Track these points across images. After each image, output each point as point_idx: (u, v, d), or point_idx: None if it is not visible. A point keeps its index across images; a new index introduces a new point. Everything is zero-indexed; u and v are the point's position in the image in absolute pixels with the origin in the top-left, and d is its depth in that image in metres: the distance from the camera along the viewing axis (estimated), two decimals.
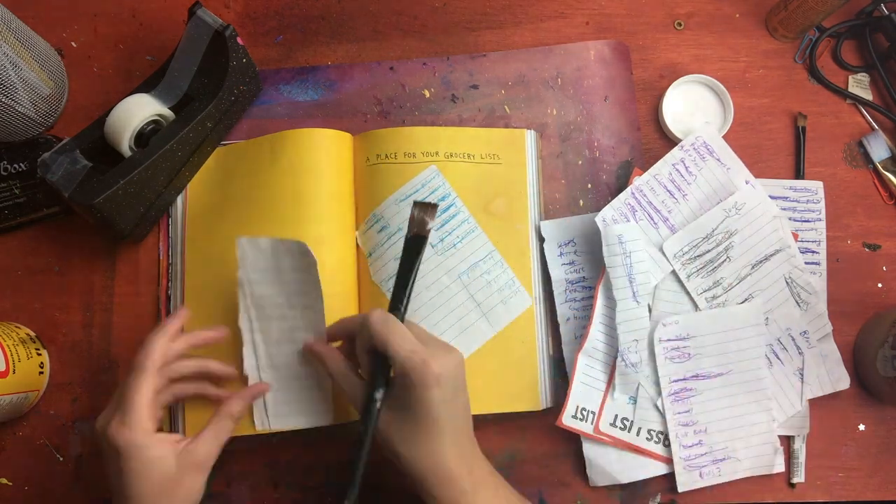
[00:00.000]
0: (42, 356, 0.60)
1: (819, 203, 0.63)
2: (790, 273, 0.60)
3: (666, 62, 0.67)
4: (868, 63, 0.67)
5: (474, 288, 0.60)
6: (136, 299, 0.62)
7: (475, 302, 0.60)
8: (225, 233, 0.60)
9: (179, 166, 0.60)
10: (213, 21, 0.57)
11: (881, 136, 0.65)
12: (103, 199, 0.55)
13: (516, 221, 0.61)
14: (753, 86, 0.66)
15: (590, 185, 0.64)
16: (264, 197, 0.60)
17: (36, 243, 0.63)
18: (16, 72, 0.58)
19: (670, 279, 0.60)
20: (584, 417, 0.58)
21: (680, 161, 0.61)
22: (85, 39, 0.67)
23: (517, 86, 0.66)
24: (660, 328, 0.58)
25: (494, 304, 0.59)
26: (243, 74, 0.61)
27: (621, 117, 0.65)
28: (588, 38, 0.67)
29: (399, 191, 0.61)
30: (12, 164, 0.62)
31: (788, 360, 0.59)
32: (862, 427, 0.61)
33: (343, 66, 0.66)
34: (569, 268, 0.61)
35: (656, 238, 0.60)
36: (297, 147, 0.60)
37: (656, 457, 0.58)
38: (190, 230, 0.62)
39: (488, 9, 0.68)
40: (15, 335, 0.59)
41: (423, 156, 0.61)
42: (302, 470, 0.60)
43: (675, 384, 0.58)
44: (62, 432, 0.60)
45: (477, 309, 0.59)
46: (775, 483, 0.60)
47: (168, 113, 0.60)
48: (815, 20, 0.63)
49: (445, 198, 0.61)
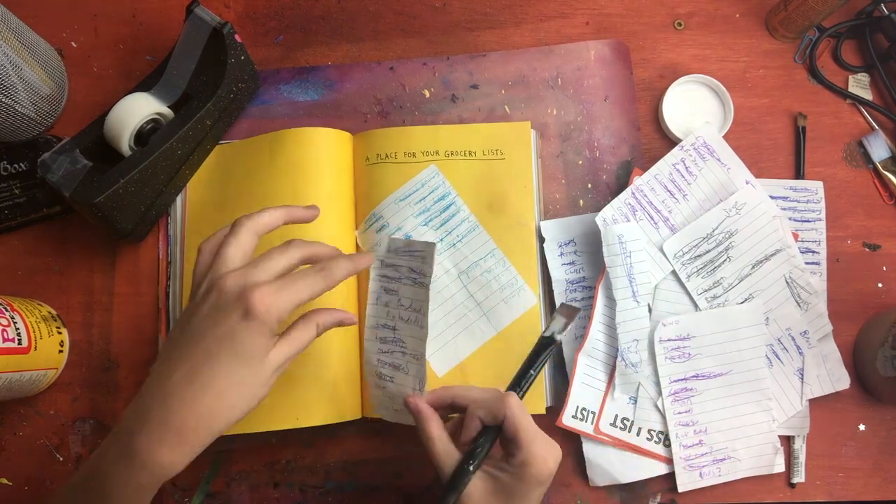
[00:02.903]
0: (62, 334, 0.61)
1: (819, 203, 0.63)
2: (790, 273, 0.60)
3: (666, 62, 0.67)
4: (868, 63, 0.67)
5: (474, 287, 0.60)
6: (136, 299, 0.62)
7: (475, 301, 0.59)
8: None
9: (179, 165, 0.60)
10: (210, 19, 0.57)
11: (881, 136, 0.65)
12: (104, 198, 0.55)
13: (521, 217, 0.60)
14: (753, 86, 0.66)
15: (590, 185, 0.64)
16: (264, 195, 0.59)
17: (36, 243, 0.63)
18: (16, 72, 0.58)
19: (670, 279, 0.60)
20: (585, 417, 0.58)
21: (680, 161, 0.61)
22: (85, 39, 0.67)
23: (517, 86, 0.66)
24: (660, 328, 0.58)
25: (495, 303, 0.59)
26: (242, 72, 0.61)
27: (621, 117, 0.65)
28: (588, 38, 0.67)
29: (399, 190, 0.61)
30: (12, 164, 0.62)
31: (788, 360, 0.59)
32: (862, 427, 0.61)
33: (343, 66, 0.66)
34: (569, 268, 0.61)
35: (656, 238, 0.60)
36: (297, 146, 0.60)
37: (656, 457, 0.58)
38: (190, 229, 0.62)
39: (488, 9, 0.68)
40: (37, 312, 0.59)
41: (423, 155, 0.61)
42: (302, 470, 0.60)
43: (675, 384, 0.58)
44: (62, 432, 0.60)
45: (477, 308, 0.59)
46: (775, 483, 0.60)
47: (167, 111, 0.60)
48: (815, 20, 0.63)
49: (445, 197, 0.61)
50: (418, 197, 0.61)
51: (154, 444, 0.40)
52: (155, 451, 0.40)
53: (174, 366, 0.42)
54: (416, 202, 0.61)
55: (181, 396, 0.41)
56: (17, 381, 0.55)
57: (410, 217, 0.60)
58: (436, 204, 0.61)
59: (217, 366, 0.41)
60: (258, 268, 0.44)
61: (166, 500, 0.60)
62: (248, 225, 0.46)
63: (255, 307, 0.41)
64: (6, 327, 0.54)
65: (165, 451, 0.40)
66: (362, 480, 0.60)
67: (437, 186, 0.61)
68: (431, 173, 0.61)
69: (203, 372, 0.41)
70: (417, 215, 0.60)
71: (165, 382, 0.41)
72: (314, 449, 0.60)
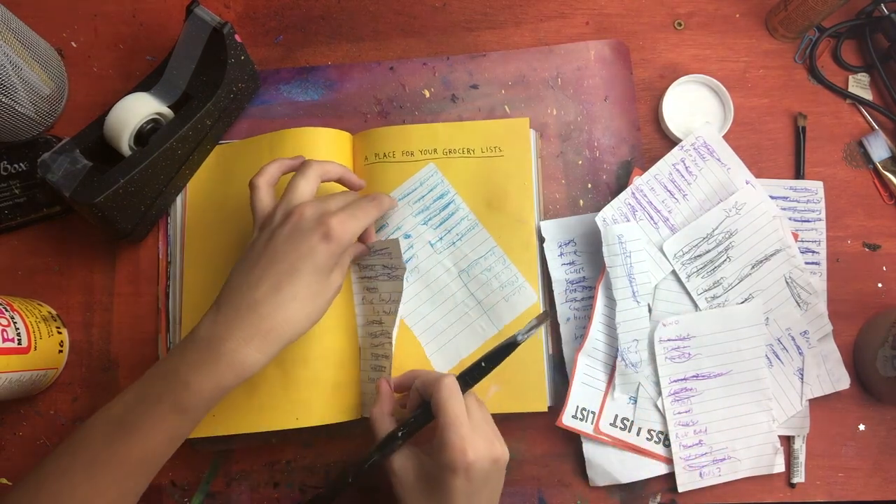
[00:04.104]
0: (62, 334, 0.61)
1: (819, 203, 0.63)
2: (790, 273, 0.60)
3: (666, 62, 0.67)
4: (868, 63, 0.67)
5: (474, 285, 0.60)
6: (136, 299, 0.62)
7: (475, 300, 0.59)
8: (224, 231, 0.60)
9: (179, 165, 0.60)
10: (210, 19, 0.57)
11: (881, 136, 0.65)
12: (104, 198, 0.55)
13: (520, 214, 0.60)
14: (753, 86, 0.66)
15: (590, 185, 0.64)
16: None
17: (36, 243, 0.63)
18: (16, 72, 0.58)
19: (670, 279, 0.60)
20: (584, 417, 0.58)
21: (680, 161, 0.61)
22: (85, 39, 0.67)
23: (517, 86, 0.66)
24: (660, 328, 0.58)
25: (496, 301, 0.59)
26: (241, 71, 0.61)
27: (621, 117, 0.65)
28: (588, 38, 0.67)
29: (397, 189, 0.61)
30: (12, 164, 0.62)
31: (788, 360, 0.59)
32: (862, 427, 0.61)
33: (343, 66, 0.66)
34: (569, 268, 0.61)
35: (656, 238, 0.60)
36: (297, 145, 0.60)
37: (656, 457, 0.58)
38: (189, 229, 0.62)
39: (488, 9, 0.68)
40: (37, 312, 0.59)
41: (421, 154, 0.61)
42: (302, 470, 0.60)
43: (675, 384, 0.58)
44: (62, 432, 0.60)
45: (477, 307, 0.59)
46: (775, 483, 0.60)
47: (167, 111, 0.60)
48: (815, 20, 0.63)
49: (444, 195, 0.61)
50: (417, 196, 0.61)
51: (243, 346, 0.46)
52: (243, 352, 0.46)
53: (259, 280, 0.48)
54: (415, 201, 0.61)
55: (271, 304, 0.47)
56: (16, 381, 0.55)
57: (410, 216, 0.60)
58: (435, 202, 0.61)
59: (300, 279, 0.48)
60: (330, 200, 0.52)
61: (166, 500, 0.60)
62: (316, 167, 0.53)
63: (333, 230, 0.49)
64: (6, 327, 0.54)
65: (253, 352, 0.46)
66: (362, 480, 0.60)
67: (435, 185, 0.61)
68: (430, 172, 0.61)
69: (289, 283, 0.48)
70: (416, 214, 0.61)
71: (253, 292, 0.48)
72: (314, 449, 0.60)
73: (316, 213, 0.50)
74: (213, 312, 0.48)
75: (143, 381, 0.47)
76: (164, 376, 0.46)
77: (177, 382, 0.45)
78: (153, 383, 0.47)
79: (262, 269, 0.49)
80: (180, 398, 0.45)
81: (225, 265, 0.58)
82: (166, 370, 0.47)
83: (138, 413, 0.46)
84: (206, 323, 0.48)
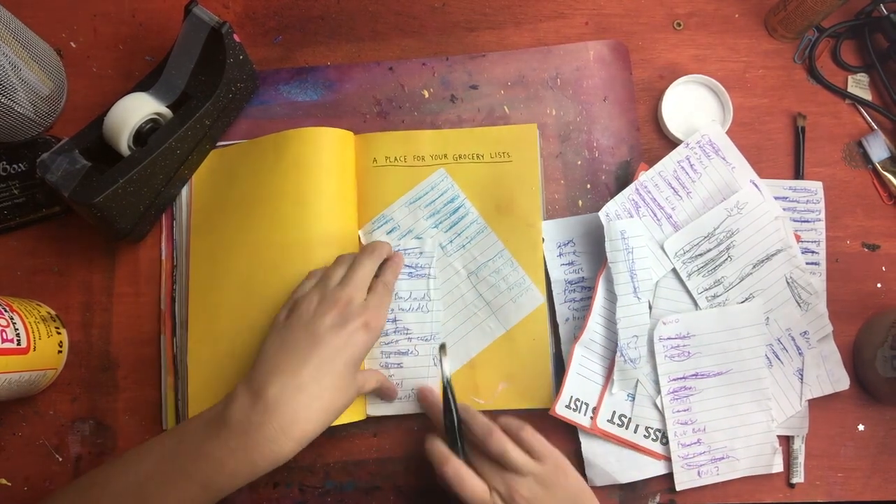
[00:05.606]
0: (61, 335, 0.61)
1: (819, 203, 0.63)
2: (791, 273, 0.60)
3: (665, 62, 0.67)
4: (867, 63, 0.67)
5: (483, 287, 0.60)
6: (135, 299, 0.62)
7: (484, 301, 0.60)
8: (229, 233, 0.60)
9: (178, 164, 0.60)
10: (209, 18, 0.57)
11: (880, 137, 0.65)
12: (103, 198, 0.55)
13: (528, 218, 0.61)
14: (753, 86, 0.66)
15: (589, 186, 0.64)
16: (268, 196, 0.60)
17: (35, 243, 0.63)
18: (15, 72, 0.58)
19: (671, 277, 0.60)
20: (578, 408, 0.58)
21: (685, 158, 0.61)
22: (84, 39, 0.67)
23: (516, 86, 0.66)
24: (660, 326, 0.58)
25: (504, 302, 0.60)
26: (240, 71, 0.61)
27: (620, 117, 0.65)
28: (587, 39, 0.67)
29: (408, 193, 0.62)
30: (12, 164, 0.62)
31: (788, 360, 0.59)
32: (861, 427, 0.61)
33: (342, 66, 0.66)
34: (568, 268, 0.61)
35: (659, 235, 0.60)
36: (302, 146, 0.60)
37: (654, 455, 0.58)
38: (194, 231, 0.62)
39: (487, 9, 0.68)
40: (36, 312, 0.59)
41: (431, 158, 0.62)
42: (301, 470, 0.60)
43: (674, 382, 0.58)
44: (62, 432, 0.60)
45: (486, 307, 0.60)
46: (775, 483, 0.60)
47: (166, 111, 0.60)
48: (815, 20, 0.63)
49: (454, 200, 0.62)
50: (428, 200, 0.62)
51: (280, 435, 0.46)
52: (280, 442, 0.46)
53: (301, 363, 0.48)
54: (426, 205, 0.62)
55: (310, 393, 0.47)
56: (16, 382, 0.55)
57: (421, 220, 0.61)
58: (445, 206, 0.62)
59: (335, 369, 0.49)
60: (376, 292, 0.54)
61: None
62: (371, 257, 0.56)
63: (372, 323, 0.51)
64: (5, 328, 0.54)
65: (289, 442, 0.46)
66: (362, 480, 0.60)
67: (446, 189, 0.62)
68: (440, 177, 0.62)
69: (329, 373, 0.48)
70: (427, 218, 0.61)
71: (294, 379, 0.47)
72: (314, 449, 0.60)
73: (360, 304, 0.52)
74: (247, 395, 0.47)
75: (164, 455, 0.47)
76: (193, 456, 0.46)
77: (210, 463, 0.45)
78: (179, 460, 0.46)
79: (303, 354, 0.49)
80: (213, 479, 0.45)
81: (230, 267, 0.58)
82: (197, 450, 0.46)
83: (162, 487, 0.45)
84: (241, 406, 0.47)
